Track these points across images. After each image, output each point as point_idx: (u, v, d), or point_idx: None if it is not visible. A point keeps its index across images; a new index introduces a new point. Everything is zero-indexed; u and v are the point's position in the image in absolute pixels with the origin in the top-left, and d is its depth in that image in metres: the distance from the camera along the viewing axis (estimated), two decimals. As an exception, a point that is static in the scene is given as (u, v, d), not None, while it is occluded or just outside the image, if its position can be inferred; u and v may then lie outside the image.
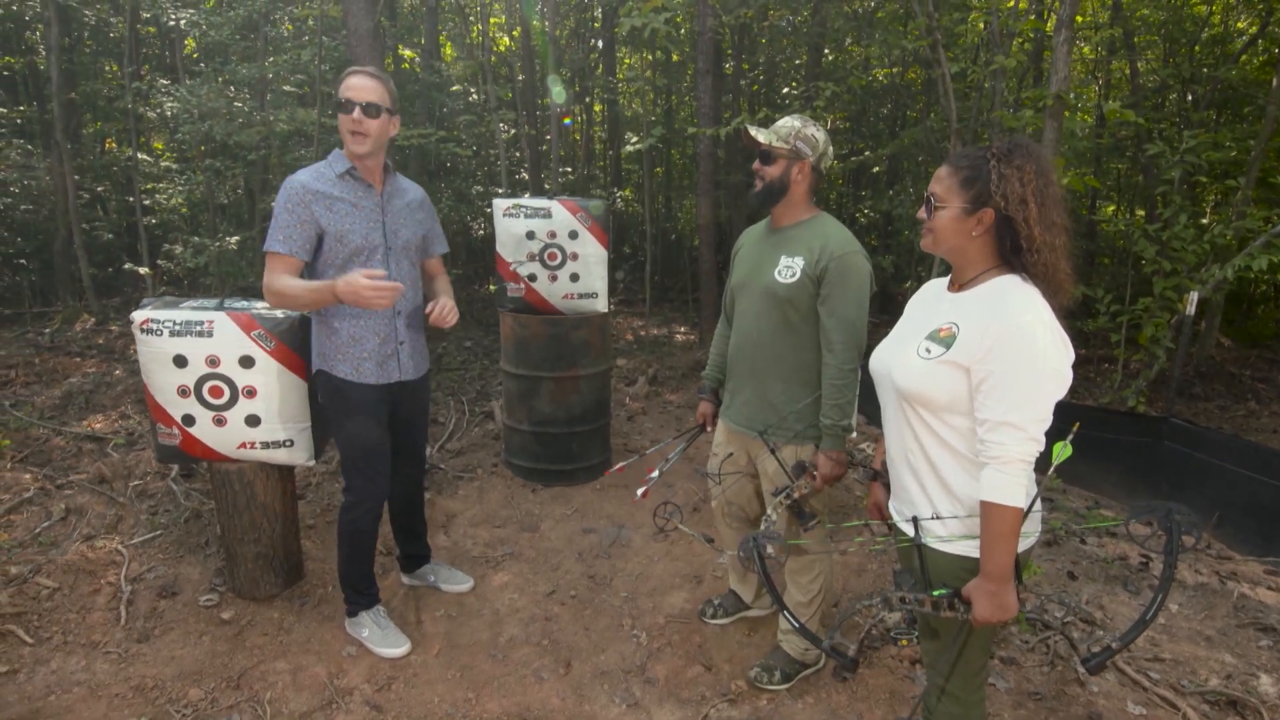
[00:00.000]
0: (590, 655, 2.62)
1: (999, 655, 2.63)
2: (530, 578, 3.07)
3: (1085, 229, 8.51)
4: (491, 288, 6.73)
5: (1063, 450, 1.51)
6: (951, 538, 1.60)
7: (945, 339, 1.56)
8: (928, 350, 1.58)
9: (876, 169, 8.52)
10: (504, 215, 3.61)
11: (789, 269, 2.18)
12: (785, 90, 7.90)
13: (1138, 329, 4.90)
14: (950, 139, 4.86)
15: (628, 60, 13.13)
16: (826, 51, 7.80)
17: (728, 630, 2.75)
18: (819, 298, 2.15)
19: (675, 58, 9.88)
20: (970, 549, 1.57)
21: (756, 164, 2.22)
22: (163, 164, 8.59)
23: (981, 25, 5.21)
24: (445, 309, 2.39)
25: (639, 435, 4.47)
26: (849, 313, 2.12)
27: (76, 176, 7.94)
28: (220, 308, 2.64)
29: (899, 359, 1.65)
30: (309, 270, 2.35)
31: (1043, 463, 1.53)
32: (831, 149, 2.28)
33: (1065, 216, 1.57)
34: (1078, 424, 1.59)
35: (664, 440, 2.74)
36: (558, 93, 6.19)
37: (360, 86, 2.25)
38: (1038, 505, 1.62)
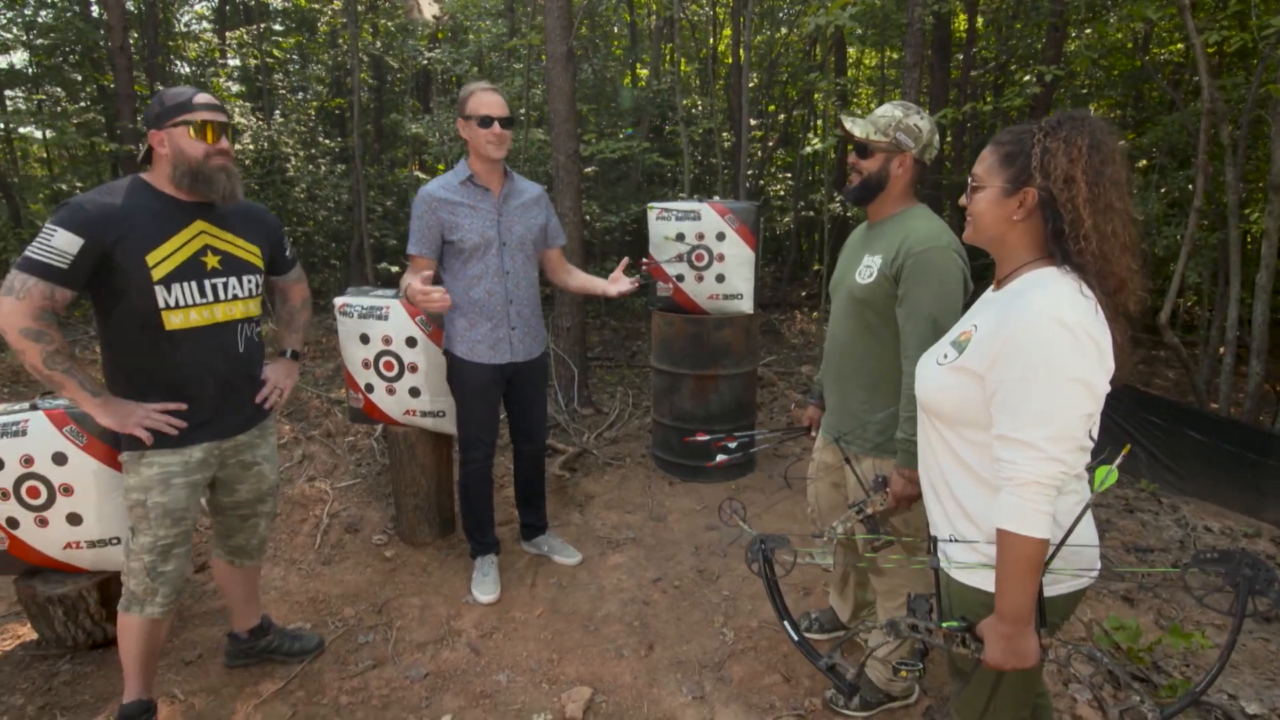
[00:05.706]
0: (674, 643, 2.68)
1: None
2: (643, 563, 3.20)
3: None
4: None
5: (1107, 475, 1.30)
6: (971, 566, 1.44)
7: (962, 342, 1.41)
8: (945, 355, 1.44)
9: (1144, 163, 7.26)
10: (656, 218, 3.79)
11: (867, 268, 2.03)
12: (1025, 78, 7.07)
13: None
14: (1201, 120, 4.05)
15: (865, 58, 12.63)
16: (1082, 32, 6.84)
17: (819, 646, 2.64)
18: (897, 298, 2.00)
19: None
20: (989, 581, 1.40)
21: (852, 158, 2.10)
22: (437, 181, 10.17)
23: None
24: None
25: (792, 440, 4.38)
26: (927, 314, 1.89)
27: (372, 193, 9.72)
28: (397, 296, 3.16)
29: (924, 365, 1.52)
30: (440, 265, 2.73)
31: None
32: (937, 138, 2.10)
33: (1128, 202, 1.33)
34: (1128, 446, 1.33)
35: (764, 431, 2.71)
36: (626, 97, 6.17)
37: (497, 103, 2.58)
38: (1093, 537, 1.39)
